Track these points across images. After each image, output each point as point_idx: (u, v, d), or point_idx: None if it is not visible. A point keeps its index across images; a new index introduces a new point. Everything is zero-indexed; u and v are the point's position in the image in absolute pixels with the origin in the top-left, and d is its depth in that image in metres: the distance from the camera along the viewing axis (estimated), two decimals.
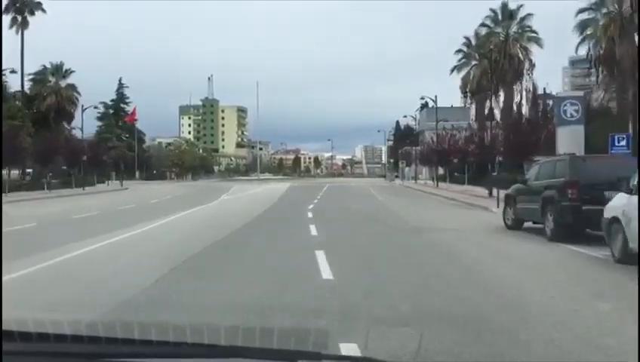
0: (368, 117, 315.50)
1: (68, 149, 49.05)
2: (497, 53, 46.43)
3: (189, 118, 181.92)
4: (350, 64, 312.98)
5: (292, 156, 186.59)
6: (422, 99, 53.35)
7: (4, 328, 1.88)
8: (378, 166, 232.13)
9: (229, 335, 2.88)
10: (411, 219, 17.77)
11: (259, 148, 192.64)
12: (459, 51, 54.78)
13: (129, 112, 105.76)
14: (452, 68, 55.12)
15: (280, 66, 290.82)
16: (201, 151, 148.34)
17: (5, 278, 7.11)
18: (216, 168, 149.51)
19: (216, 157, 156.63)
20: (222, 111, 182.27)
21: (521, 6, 47.95)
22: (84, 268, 9.20)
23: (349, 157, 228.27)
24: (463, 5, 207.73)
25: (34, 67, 61.22)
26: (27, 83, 59.65)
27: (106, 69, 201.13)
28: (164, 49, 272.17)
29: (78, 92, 63.49)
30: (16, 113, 47.21)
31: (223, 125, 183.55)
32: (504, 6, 48.60)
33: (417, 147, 68.75)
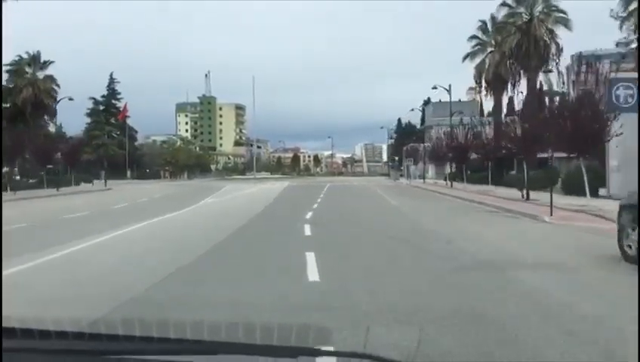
0: (368, 115, 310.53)
1: (39, 146, 43.14)
2: (520, 35, 40.76)
3: (186, 116, 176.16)
4: (350, 62, 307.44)
5: (291, 155, 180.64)
6: (434, 88, 47.54)
7: (5, 325, 1.84)
8: (379, 164, 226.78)
9: (230, 331, 2.72)
10: (458, 240, 12.05)
11: (257, 146, 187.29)
12: (473, 37, 49.14)
13: (121, 109, 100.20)
14: (465, 55, 49.52)
15: (279, 64, 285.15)
16: (197, 149, 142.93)
17: None
18: (213, 167, 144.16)
19: (213, 155, 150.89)
20: (219, 109, 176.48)
21: None
22: None
23: (349, 155, 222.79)
24: (464, 5, 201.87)
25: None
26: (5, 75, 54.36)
27: (100, 65, 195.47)
28: (161, 45, 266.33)
29: (58, 84, 57.90)
30: None
31: (221, 123, 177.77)
32: None
33: (425, 144, 63.17)
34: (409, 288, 7.14)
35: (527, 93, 42.58)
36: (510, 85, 47.89)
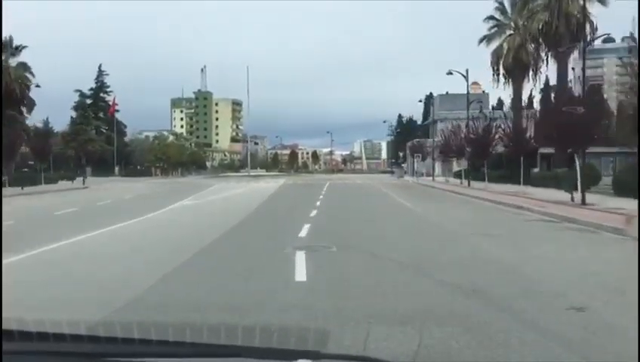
0: (367, 112, 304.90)
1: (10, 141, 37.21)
2: (549, 13, 35.15)
3: (182, 112, 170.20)
4: (349, 59, 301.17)
5: (289, 152, 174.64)
6: (449, 73, 41.68)
7: (4, 327, 1.82)
8: (378, 161, 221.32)
9: (229, 334, 2.72)
10: (572, 291, 6.50)
11: (254, 143, 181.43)
12: (490, 18, 43.44)
13: (110, 103, 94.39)
14: (481, 38, 43.82)
15: (277, 61, 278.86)
16: (192, 145, 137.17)
17: None
18: (209, 164, 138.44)
19: (208, 152, 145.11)
20: (216, 104, 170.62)
21: None
22: None
23: (348, 152, 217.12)
24: (464, 4, 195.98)
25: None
26: None
27: (94, 60, 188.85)
28: (156, 39, 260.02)
29: (32, 72, 52.05)
30: None
31: (217, 119, 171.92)
32: None
33: (434, 138, 57.53)
34: None
35: (557, 78, 37.12)
36: (532, 71, 42.47)
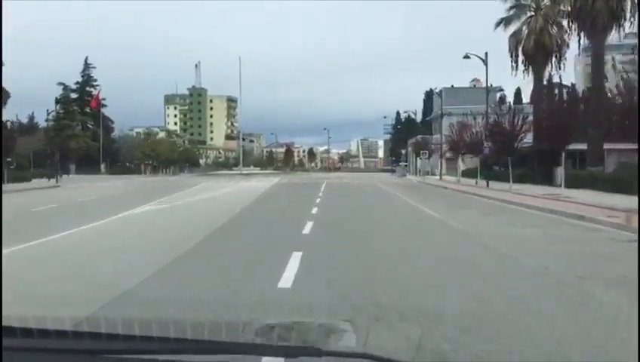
0: (363, 111, 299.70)
1: None
2: None
3: (175, 108, 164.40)
4: (345, 57, 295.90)
5: (285, 149, 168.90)
6: (466, 57, 36.26)
7: (5, 324, 1.77)
8: (375, 160, 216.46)
9: (231, 331, 2.59)
10: None
11: (249, 140, 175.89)
12: None
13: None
14: (498, 21, 38.53)
15: (274, 59, 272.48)
16: (185, 143, 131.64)
17: None
18: (202, 161, 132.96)
19: (202, 149, 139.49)
20: (210, 101, 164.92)
21: None
22: None
23: (345, 151, 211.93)
24: (463, 4, 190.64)
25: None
26: None
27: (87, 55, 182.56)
28: (150, 35, 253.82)
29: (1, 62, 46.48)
30: None
31: (212, 116, 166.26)
32: None
33: (436, 135, 52.29)
34: None
35: (593, 62, 31.87)
36: (555, 58, 37.23)
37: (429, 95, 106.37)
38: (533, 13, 37.15)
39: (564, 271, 7.29)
